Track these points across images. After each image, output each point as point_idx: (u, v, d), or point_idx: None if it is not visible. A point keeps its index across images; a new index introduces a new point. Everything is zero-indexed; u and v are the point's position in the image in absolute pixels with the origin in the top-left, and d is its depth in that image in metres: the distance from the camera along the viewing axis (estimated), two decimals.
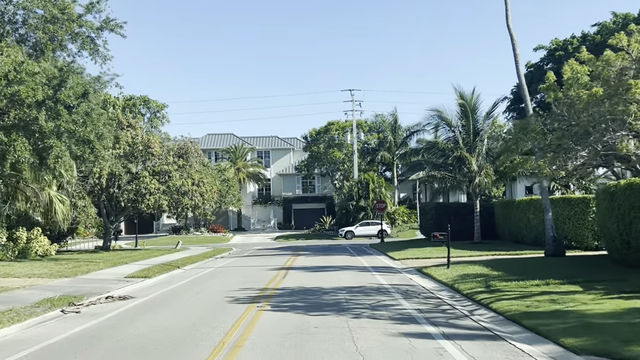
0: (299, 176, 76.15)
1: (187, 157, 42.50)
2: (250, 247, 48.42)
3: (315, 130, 68.11)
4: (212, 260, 34.20)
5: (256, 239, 62.47)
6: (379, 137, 67.59)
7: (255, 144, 79.10)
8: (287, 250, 41.92)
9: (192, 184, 42.13)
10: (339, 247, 45.81)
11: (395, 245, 40.89)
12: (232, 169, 71.02)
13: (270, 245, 50.68)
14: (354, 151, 64.65)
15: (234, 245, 53.75)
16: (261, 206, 77.39)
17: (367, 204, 60.46)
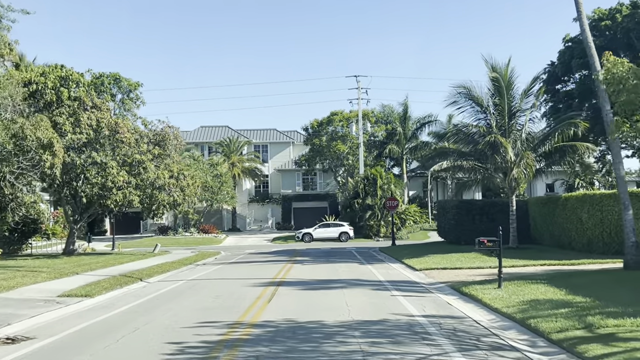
0: (299, 172, 69.79)
1: (164, 145, 36.01)
2: (241, 251, 42.07)
3: (316, 122, 61.73)
4: (189, 270, 27.84)
5: (251, 241, 56.14)
6: (386, 128, 61.18)
7: (251, 137, 72.76)
8: (283, 255, 35.59)
9: (170, 176, 35.58)
10: (344, 251, 39.46)
11: (411, 250, 34.49)
12: (225, 164, 64.65)
13: (266, 248, 44.32)
14: (359, 144, 58.28)
15: (225, 248, 47.38)
16: (258, 205, 71.07)
17: (374, 202, 54.06)
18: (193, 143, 70.91)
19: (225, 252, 41.79)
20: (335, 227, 52.71)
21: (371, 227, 54.30)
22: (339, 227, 52.60)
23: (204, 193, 57.53)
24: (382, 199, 54.29)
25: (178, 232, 58.73)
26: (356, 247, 44.23)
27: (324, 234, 51.79)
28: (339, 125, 60.71)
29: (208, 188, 57.97)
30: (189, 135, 72.58)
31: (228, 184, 59.49)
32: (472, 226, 33.86)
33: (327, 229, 52.42)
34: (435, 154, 33.58)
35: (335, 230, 52.22)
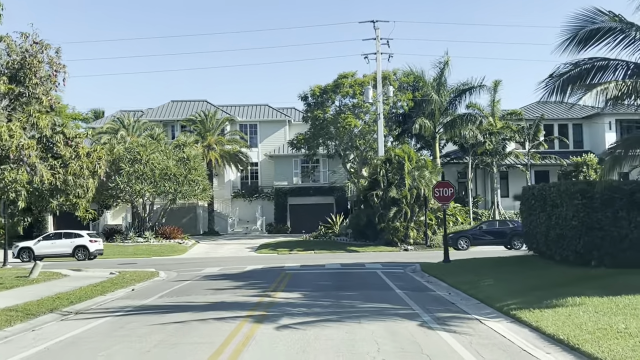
0: (296, 158, 53.94)
1: (28, 80, 19.77)
2: (198, 270, 26.31)
3: (319, 88, 45.84)
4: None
5: (227, 250, 40.31)
6: (414, 96, 45.28)
7: (236, 114, 56.90)
8: (260, 282, 19.91)
9: (33, 136, 19.65)
10: (362, 272, 23.71)
11: (490, 275, 18.59)
12: (198, 146, 48.84)
13: (240, 265, 28.49)
14: (378, 114, 42.28)
15: (181, 262, 31.62)
16: (244, 201, 55.24)
17: (401, 195, 38.14)
18: (160, 121, 55.11)
19: (170, 271, 26.04)
20: (69, 239, 35.68)
21: (396, 230, 38.45)
22: (75, 239, 35.70)
23: (164, 183, 41.77)
24: (412, 190, 38.37)
25: (128, 237, 42.87)
26: (379, 262, 28.35)
27: (52, 250, 34.73)
28: (350, 92, 44.78)
29: (170, 177, 42.16)
30: (155, 112, 56.82)
31: (199, 172, 43.63)
32: (614, 230, 17.59)
33: (55, 242, 35.30)
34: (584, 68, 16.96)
35: (67, 243, 35.29)
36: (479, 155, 49.37)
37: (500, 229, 36.49)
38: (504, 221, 37.75)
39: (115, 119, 50.94)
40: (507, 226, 36.57)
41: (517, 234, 34.78)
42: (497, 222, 37.59)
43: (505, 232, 35.94)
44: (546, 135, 52.49)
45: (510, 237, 35.55)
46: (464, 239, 36.21)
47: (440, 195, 24.13)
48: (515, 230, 35.36)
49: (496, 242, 35.87)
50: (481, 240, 36.21)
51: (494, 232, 36.37)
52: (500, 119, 49.83)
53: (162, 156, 42.89)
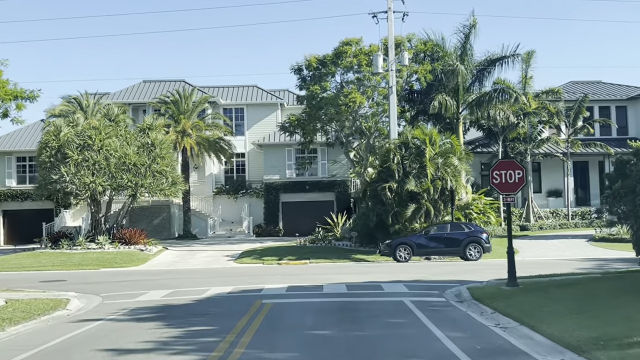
0: (290, 148, 45.38)
1: None
2: (134, 296, 17.74)
3: (316, 58, 37.24)
4: None
5: (200, 259, 31.78)
6: (432, 68, 36.70)
7: (219, 96, 48.30)
8: (212, 327, 11.68)
9: None
10: (380, 297, 15.41)
11: (607, 310, 10.04)
12: (171, 131, 40.28)
13: (203, 285, 19.90)
14: (390, 88, 33.57)
15: (123, 280, 23.09)
16: (229, 198, 46.63)
17: (421, 188, 29.59)
18: (129, 104, 46.61)
19: (96, 296, 17.64)
20: None
21: (415, 232, 29.87)
22: None
23: (121, 175, 33.24)
24: (435, 181, 29.81)
25: (77, 243, 34.21)
26: (401, 281, 19.75)
27: None
28: (354, 63, 36.16)
29: (129, 167, 33.60)
30: (123, 93, 48.29)
31: (167, 161, 35.02)
32: None
33: None
34: None
35: None
36: (510, 141, 40.85)
37: (453, 234, 28.06)
38: (458, 224, 29.27)
39: (71, 100, 42.37)
40: (461, 231, 28.19)
41: (473, 240, 27.55)
42: (449, 226, 28.97)
43: (457, 239, 27.77)
44: (586, 119, 43.97)
45: (464, 245, 27.56)
46: (403, 248, 27.69)
47: (501, 182, 15.51)
48: (471, 236, 27.77)
49: (446, 252, 28.17)
50: (427, 248, 27.98)
51: (444, 239, 27.99)
52: (533, 99, 41.30)
53: (121, 142, 34.32)
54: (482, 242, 27.71)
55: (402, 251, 27.60)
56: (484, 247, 27.67)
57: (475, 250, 27.52)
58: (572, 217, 42.92)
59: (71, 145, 33.48)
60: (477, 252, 27.54)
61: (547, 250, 31.41)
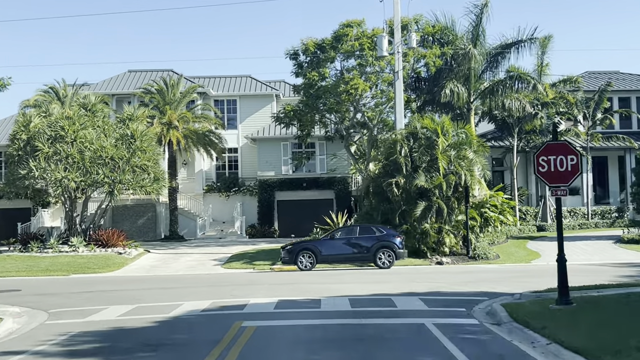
0: (286, 142, 41.98)
1: None
2: (90, 312, 14.35)
3: (314, 42, 33.87)
4: None
5: (184, 263, 28.46)
6: (442, 53, 33.33)
7: (210, 87, 44.88)
8: None
9: None
10: (393, 317, 11.94)
11: None
12: (155, 123, 36.90)
13: (176, 298, 16.49)
14: (397, 73, 30.12)
15: (89, 291, 19.77)
16: (220, 196, 43.20)
17: (432, 184, 26.23)
18: (113, 95, 43.29)
19: (43, 313, 14.27)
20: None
21: (425, 234, 26.55)
22: None
23: (97, 170, 29.87)
24: (448, 176, 26.43)
25: (48, 245, 30.78)
26: (415, 292, 16.39)
27: None
28: (356, 47, 32.77)
29: (105, 161, 30.21)
30: (107, 84, 44.92)
31: (149, 155, 31.59)
32: None
33: None
34: None
35: None
36: (526, 134, 37.51)
37: (362, 238, 24.78)
38: (368, 227, 25.94)
39: (48, 90, 38.99)
40: (372, 234, 24.86)
41: (385, 246, 24.37)
42: (358, 229, 25.64)
43: (367, 244, 24.45)
44: (606, 111, 40.67)
45: (374, 250, 24.25)
46: (306, 254, 24.25)
47: (550, 170, 12.08)
48: (382, 240, 24.44)
49: (354, 258, 24.87)
50: (332, 255, 24.58)
51: (352, 244, 24.69)
52: (550, 88, 37.98)
53: (98, 133, 30.93)
54: (395, 247, 24.35)
55: (305, 258, 24.10)
56: (396, 253, 24.29)
57: (386, 256, 24.17)
58: (592, 216, 39.58)
59: (42, 137, 30.12)
60: (389, 258, 24.16)
61: (572, 254, 27.92)
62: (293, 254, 24.37)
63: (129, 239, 33.46)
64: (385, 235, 24.78)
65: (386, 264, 24.12)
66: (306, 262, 24.14)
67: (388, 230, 25.44)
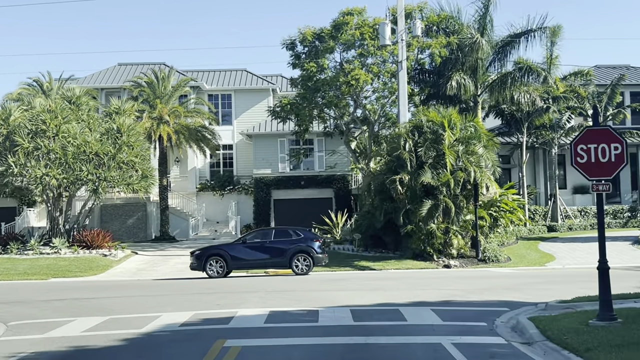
0: (283, 138, 40.09)
1: None
2: (55, 326, 12.43)
3: (311, 32, 32.02)
4: None
5: (172, 266, 26.69)
6: (448, 42, 31.48)
7: (204, 81, 42.98)
8: None
9: None
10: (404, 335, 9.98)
11: None
12: (145, 118, 35.03)
13: (156, 309, 14.63)
14: (400, 63, 28.23)
15: (61, 299, 17.78)
16: (214, 195, 41.30)
17: (439, 181, 24.34)
18: (102, 89, 41.40)
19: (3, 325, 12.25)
20: None
21: (431, 235, 24.68)
22: None
23: (80, 166, 27.97)
24: (456, 173, 24.55)
25: (29, 247, 28.85)
26: (425, 301, 14.50)
27: None
28: (357, 37, 30.88)
29: (89, 157, 28.30)
30: (95, 77, 42.99)
31: (137, 151, 29.68)
32: None
33: None
34: None
35: None
36: (535, 129, 35.68)
37: (277, 242, 22.80)
38: (285, 230, 24.14)
39: (32, 83, 37.08)
40: (288, 238, 22.96)
41: (301, 250, 22.46)
42: (273, 232, 23.79)
43: (282, 249, 22.53)
44: (618, 105, 38.82)
45: (290, 255, 22.30)
46: (215, 260, 22.22)
47: (590, 161, 10.14)
48: (299, 244, 22.63)
49: (269, 263, 22.90)
50: (245, 260, 22.61)
51: (266, 248, 22.70)
52: (560, 81, 36.12)
53: (82, 128, 29.03)
54: (312, 252, 22.39)
55: (214, 264, 22.07)
56: (314, 258, 22.33)
57: (303, 262, 22.26)
58: None
59: (22, 132, 28.22)
60: (305, 264, 22.25)
61: (588, 256, 26.13)
62: (201, 259, 22.22)
63: (116, 240, 31.63)
64: (303, 239, 22.78)
65: (303, 270, 22.13)
66: (216, 269, 22.03)
67: (307, 233, 23.57)
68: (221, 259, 22.23)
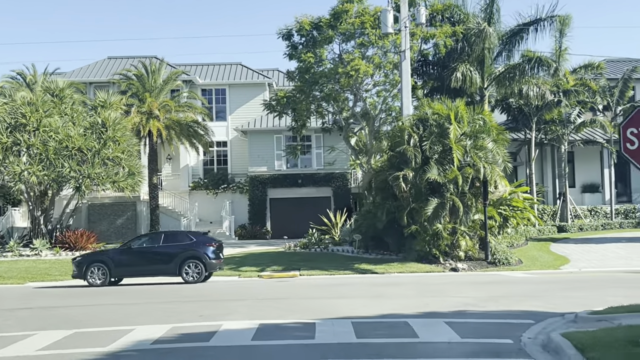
0: (280, 134, 38.36)
1: None
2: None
3: (309, 22, 30.28)
4: None
5: None
6: (453, 32, 29.74)
7: (196, 74, 41.21)
8: None
9: None
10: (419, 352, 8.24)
11: None
12: (133, 112, 33.26)
13: (120, 328, 12.88)
14: (403, 52, 26.49)
15: (22, 307, 16.01)
16: (208, 193, 39.56)
17: (446, 177, 22.59)
18: (91, 83, 39.64)
19: None
20: None
21: (437, 236, 22.90)
22: None
23: (62, 162, 26.22)
24: (464, 169, 22.81)
25: (7, 248, 27.07)
26: (437, 312, 12.77)
27: None
28: (357, 25, 29.14)
29: (72, 153, 26.53)
30: (84, 71, 41.26)
31: (123, 146, 27.91)
32: None
33: None
34: None
35: None
36: (544, 124, 33.99)
37: (166, 247, 20.99)
38: (175, 234, 22.92)
39: (16, 76, 35.33)
40: (178, 243, 21.19)
41: (193, 256, 20.62)
42: (162, 236, 21.89)
43: (170, 254, 20.67)
44: (631, 100, 37.12)
45: (180, 261, 20.51)
46: (97, 268, 20.39)
47: None
48: (190, 249, 20.81)
49: (156, 271, 20.85)
50: (130, 267, 20.71)
51: (153, 254, 20.93)
52: (570, 74, 34.44)
53: (65, 122, 27.27)
54: (205, 258, 20.55)
55: (96, 272, 20.24)
56: (206, 264, 20.50)
57: (194, 269, 20.41)
58: (615, 215, 35.99)
59: (0, 126, 26.47)
60: (197, 271, 20.40)
61: (605, 259, 24.50)
62: (82, 267, 20.37)
63: (103, 241, 29.97)
64: (195, 243, 20.93)
65: (194, 278, 20.28)
66: (97, 277, 20.19)
67: (200, 237, 21.66)
68: (103, 266, 20.30)
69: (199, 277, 20.43)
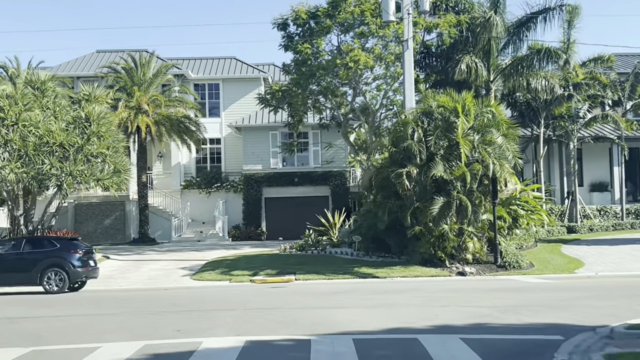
0: (275, 131, 36.75)
1: None
2: None
3: (306, 10, 28.64)
4: None
5: (145, 273, 23.36)
6: (458, 21, 28.14)
7: (189, 68, 39.57)
8: None
9: None
10: None
11: None
12: (122, 107, 31.62)
13: (85, 345, 11.21)
14: (405, 42, 24.87)
15: None
16: (200, 192, 37.93)
17: (452, 174, 20.98)
18: (78, 77, 37.97)
19: None
20: None
21: (443, 237, 21.29)
22: None
23: (42, 159, 24.52)
24: (472, 165, 21.21)
25: None
26: (446, 325, 11.15)
27: None
28: (356, 14, 27.54)
29: (53, 149, 24.84)
30: (71, 65, 39.66)
31: (108, 142, 26.20)
32: None
33: None
34: None
35: None
36: (553, 119, 32.44)
37: (27, 254, 19.44)
38: (39, 239, 21.02)
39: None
40: (40, 249, 19.54)
41: (55, 264, 18.91)
42: (24, 242, 20.40)
43: (31, 261, 19.05)
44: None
45: (41, 270, 18.78)
46: None
47: None
48: (53, 257, 19.11)
49: (14, 280, 18.99)
50: None
51: (13, 262, 19.18)
52: (580, 67, 32.87)
53: (47, 116, 25.56)
54: (69, 266, 18.86)
55: None
56: (69, 273, 18.78)
57: (55, 278, 18.71)
58: (625, 215, 34.42)
59: None
60: (59, 280, 18.70)
61: (622, 261, 22.91)
62: None
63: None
64: (58, 250, 19.28)
65: (56, 288, 18.57)
66: None
67: (65, 243, 20.02)
68: None
69: (61, 286, 18.64)
